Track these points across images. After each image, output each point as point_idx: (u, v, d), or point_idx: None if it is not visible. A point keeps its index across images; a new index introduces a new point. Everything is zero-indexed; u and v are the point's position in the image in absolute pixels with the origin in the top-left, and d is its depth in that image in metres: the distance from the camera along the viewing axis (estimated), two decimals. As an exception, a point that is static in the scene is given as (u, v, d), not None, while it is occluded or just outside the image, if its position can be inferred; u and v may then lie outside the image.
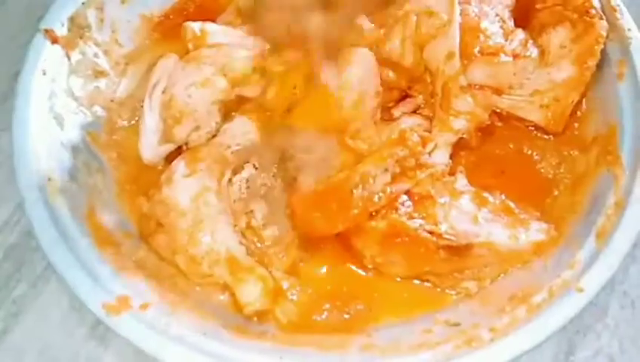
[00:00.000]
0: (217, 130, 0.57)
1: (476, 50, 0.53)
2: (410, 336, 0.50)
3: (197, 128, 0.56)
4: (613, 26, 0.58)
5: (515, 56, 0.56)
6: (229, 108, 0.57)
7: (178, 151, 0.56)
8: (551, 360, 0.53)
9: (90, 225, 0.52)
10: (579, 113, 0.59)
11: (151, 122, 0.56)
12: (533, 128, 0.58)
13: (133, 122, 0.59)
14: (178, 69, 0.57)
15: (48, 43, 0.57)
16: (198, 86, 0.55)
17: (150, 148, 0.56)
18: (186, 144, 0.57)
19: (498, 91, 0.55)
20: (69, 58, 0.58)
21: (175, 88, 0.56)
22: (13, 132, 0.54)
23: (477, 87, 0.54)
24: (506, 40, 0.55)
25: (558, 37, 0.57)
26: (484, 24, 0.54)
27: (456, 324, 0.50)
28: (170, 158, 0.56)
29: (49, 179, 0.53)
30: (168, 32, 0.65)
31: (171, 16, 0.66)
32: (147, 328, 0.47)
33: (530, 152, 0.58)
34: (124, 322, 0.47)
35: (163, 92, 0.56)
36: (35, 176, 0.52)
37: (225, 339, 0.49)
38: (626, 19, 0.58)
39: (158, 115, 0.56)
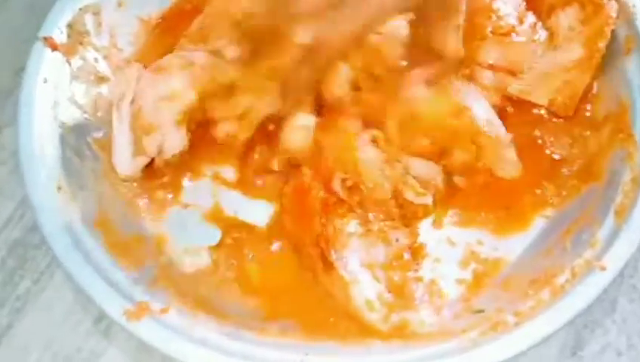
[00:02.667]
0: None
1: (488, 30, 0.53)
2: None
3: (164, 142, 0.55)
4: (619, 2, 0.57)
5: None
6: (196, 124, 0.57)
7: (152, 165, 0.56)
8: (558, 355, 0.53)
9: (102, 231, 0.52)
10: (589, 94, 0.58)
11: (122, 136, 0.55)
12: (543, 112, 0.58)
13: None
14: (146, 79, 0.56)
15: (48, 51, 0.57)
16: (165, 99, 0.55)
17: (124, 162, 0.55)
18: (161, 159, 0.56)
19: (512, 73, 0.54)
20: (70, 64, 0.58)
21: (143, 99, 0.55)
22: (19, 145, 0.53)
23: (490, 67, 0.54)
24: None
25: (566, 19, 0.57)
26: (496, 4, 0.53)
27: (480, 311, 0.50)
28: (146, 172, 0.56)
29: (59, 188, 0.52)
30: (166, 34, 0.64)
31: (169, 19, 0.65)
32: (170, 332, 0.47)
33: (540, 135, 0.57)
34: (145, 327, 0.47)
35: (131, 103, 0.56)
36: (44, 185, 0.52)
37: (247, 339, 0.48)
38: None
39: (129, 127, 0.55)
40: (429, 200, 0.53)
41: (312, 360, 0.47)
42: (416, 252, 0.53)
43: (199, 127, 0.57)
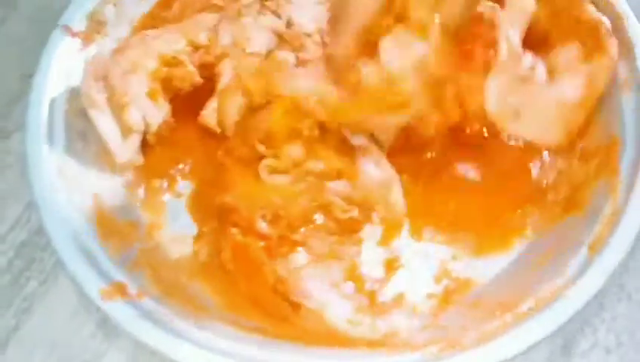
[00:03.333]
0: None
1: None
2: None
3: (145, 115, 0.57)
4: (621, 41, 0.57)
5: (524, 80, 0.56)
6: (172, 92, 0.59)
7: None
8: (548, 354, 0.53)
9: (96, 214, 0.54)
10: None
11: (106, 124, 0.57)
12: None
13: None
14: (111, 63, 0.58)
15: (65, 39, 0.60)
16: (128, 72, 0.57)
17: (118, 148, 0.57)
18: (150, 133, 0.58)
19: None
20: (86, 54, 0.61)
21: (112, 80, 0.57)
22: (27, 127, 0.56)
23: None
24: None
25: (566, 55, 0.57)
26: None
27: (444, 328, 0.51)
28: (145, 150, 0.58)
29: (59, 170, 0.55)
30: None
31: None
32: (141, 316, 0.49)
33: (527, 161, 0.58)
34: (119, 309, 0.49)
35: (100, 92, 0.58)
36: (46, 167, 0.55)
37: (218, 331, 0.50)
38: (633, 31, 0.58)
39: (110, 114, 0.57)
40: (355, 212, 0.54)
41: (279, 358, 0.49)
42: (391, 263, 0.55)
43: (180, 100, 0.59)
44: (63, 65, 0.59)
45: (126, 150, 0.57)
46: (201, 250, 0.55)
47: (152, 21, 0.64)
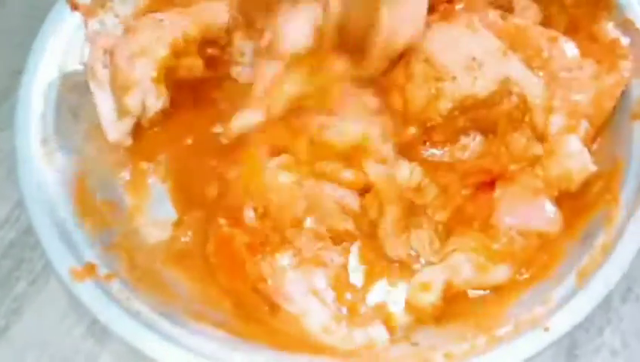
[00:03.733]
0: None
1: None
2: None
3: (145, 99, 0.56)
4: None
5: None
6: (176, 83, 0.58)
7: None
8: (553, 355, 0.52)
9: (77, 192, 0.54)
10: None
11: (104, 101, 0.56)
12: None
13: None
14: (119, 40, 0.57)
15: (67, 12, 0.59)
16: (137, 55, 0.55)
17: (112, 126, 0.56)
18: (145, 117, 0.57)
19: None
20: (86, 27, 0.60)
21: (118, 59, 0.56)
22: (19, 95, 0.55)
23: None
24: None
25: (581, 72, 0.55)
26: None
27: (415, 344, 0.50)
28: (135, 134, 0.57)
29: (44, 141, 0.54)
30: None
31: None
32: (108, 299, 0.48)
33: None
34: (87, 290, 0.48)
35: (105, 67, 0.57)
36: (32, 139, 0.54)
37: (179, 322, 0.49)
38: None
39: (110, 91, 0.56)
40: (349, 224, 0.53)
41: (239, 358, 0.48)
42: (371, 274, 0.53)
43: (180, 89, 0.58)
44: (62, 42, 0.59)
45: (119, 130, 0.57)
46: (180, 236, 0.54)
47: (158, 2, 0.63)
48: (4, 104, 0.63)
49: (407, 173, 0.54)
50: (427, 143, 0.54)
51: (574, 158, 0.52)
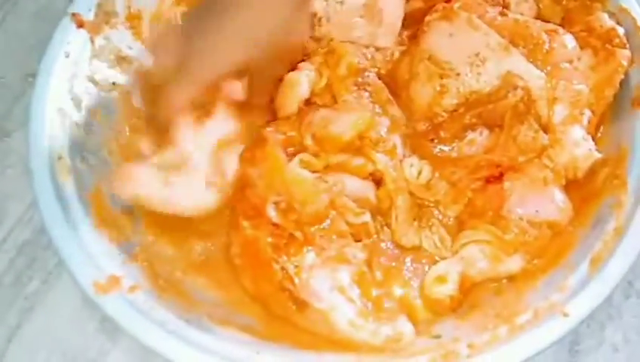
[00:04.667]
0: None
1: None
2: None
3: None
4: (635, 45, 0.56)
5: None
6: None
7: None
8: (555, 350, 0.53)
9: (94, 205, 0.54)
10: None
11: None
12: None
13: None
14: None
15: (74, 27, 0.59)
16: None
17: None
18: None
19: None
20: (92, 42, 0.60)
21: None
22: (31, 110, 0.55)
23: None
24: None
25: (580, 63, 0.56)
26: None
27: (438, 336, 0.51)
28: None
29: (59, 158, 0.55)
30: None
31: None
32: (132, 310, 0.49)
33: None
34: (111, 302, 0.49)
35: None
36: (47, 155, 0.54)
37: (206, 328, 0.50)
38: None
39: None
40: (367, 217, 0.53)
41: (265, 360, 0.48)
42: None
43: None
44: (77, 44, 0.59)
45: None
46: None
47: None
48: (16, 106, 0.64)
49: (416, 170, 0.55)
50: (435, 140, 0.55)
51: (579, 146, 0.53)
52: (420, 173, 0.55)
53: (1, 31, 0.70)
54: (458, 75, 0.55)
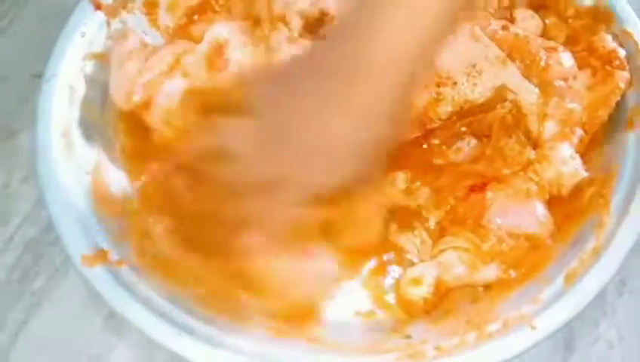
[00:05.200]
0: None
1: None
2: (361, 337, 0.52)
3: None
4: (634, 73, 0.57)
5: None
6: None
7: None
8: (550, 348, 0.54)
9: (92, 180, 0.56)
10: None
11: None
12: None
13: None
14: None
15: (91, 9, 0.62)
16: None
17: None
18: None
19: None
20: (109, 25, 0.63)
21: None
22: (42, 88, 0.58)
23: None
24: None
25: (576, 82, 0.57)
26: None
27: (408, 337, 0.52)
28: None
29: (64, 134, 0.57)
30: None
31: None
32: (117, 284, 0.50)
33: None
34: (97, 274, 0.51)
35: None
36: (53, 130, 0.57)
37: (190, 309, 0.51)
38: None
39: None
40: None
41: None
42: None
43: None
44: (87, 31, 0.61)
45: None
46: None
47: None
48: (24, 106, 0.65)
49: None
50: (424, 145, 0.56)
51: (566, 164, 0.54)
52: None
53: (9, 31, 0.71)
54: (455, 83, 0.56)
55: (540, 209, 0.53)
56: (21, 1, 0.73)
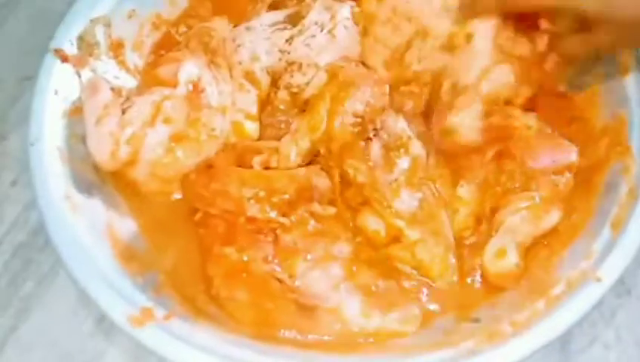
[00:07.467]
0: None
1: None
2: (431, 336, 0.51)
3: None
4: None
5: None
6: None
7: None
8: (547, 349, 0.52)
9: (109, 239, 0.53)
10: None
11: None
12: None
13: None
14: None
15: (58, 62, 0.58)
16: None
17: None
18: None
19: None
20: (79, 76, 0.59)
21: None
22: (30, 154, 0.54)
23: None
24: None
25: None
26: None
27: (477, 320, 0.51)
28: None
29: (67, 197, 0.53)
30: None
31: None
32: (172, 338, 0.48)
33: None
34: (149, 333, 0.48)
35: None
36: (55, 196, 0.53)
37: (248, 345, 0.49)
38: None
39: None
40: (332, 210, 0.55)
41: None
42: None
43: None
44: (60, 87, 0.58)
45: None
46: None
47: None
48: (12, 109, 0.64)
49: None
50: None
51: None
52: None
53: (-1, 34, 0.69)
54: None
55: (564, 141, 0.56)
56: (10, 4, 0.71)
